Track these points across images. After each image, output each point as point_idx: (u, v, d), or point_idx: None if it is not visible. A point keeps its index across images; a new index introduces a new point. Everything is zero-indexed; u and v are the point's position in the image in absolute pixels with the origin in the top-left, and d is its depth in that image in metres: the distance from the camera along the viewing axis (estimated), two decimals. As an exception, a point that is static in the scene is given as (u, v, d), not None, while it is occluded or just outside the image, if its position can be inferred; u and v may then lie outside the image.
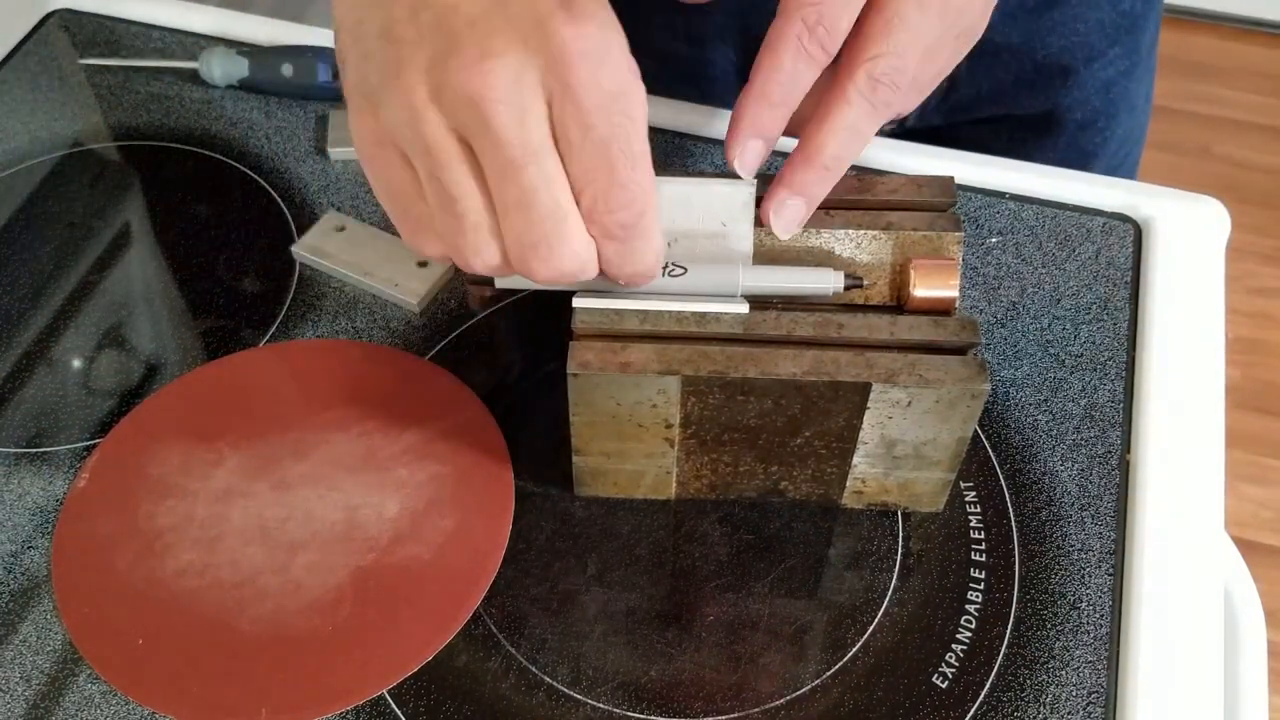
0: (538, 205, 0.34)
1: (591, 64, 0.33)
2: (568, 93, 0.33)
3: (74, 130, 0.60)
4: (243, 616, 0.42)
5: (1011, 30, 0.60)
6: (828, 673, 0.41)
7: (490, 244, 0.36)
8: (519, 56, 0.33)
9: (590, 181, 0.35)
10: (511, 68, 0.32)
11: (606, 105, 0.33)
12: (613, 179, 0.34)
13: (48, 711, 0.40)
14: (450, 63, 0.33)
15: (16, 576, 0.43)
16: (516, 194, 0.34)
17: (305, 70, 0.60)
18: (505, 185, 0.34)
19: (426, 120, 0.34)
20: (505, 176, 0.34)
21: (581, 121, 0.33)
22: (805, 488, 0.44)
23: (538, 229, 0.35)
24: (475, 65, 0.32)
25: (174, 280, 0.54)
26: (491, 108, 0.33)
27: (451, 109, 0.33)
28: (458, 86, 0.33)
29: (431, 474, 0.46)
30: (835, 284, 0.42)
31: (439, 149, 0.34)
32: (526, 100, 0.33)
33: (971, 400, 0.39)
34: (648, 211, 0.36)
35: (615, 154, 0.34)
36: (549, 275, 0.36)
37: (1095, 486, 0.46)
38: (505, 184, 0.34)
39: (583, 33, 0.33)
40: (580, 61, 0.33)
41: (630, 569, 0.44)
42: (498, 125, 0.33)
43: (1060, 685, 0.41)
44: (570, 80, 0.33)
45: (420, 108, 0.33)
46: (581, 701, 0.40)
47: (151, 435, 0.47)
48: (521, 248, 0.35)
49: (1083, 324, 0.51)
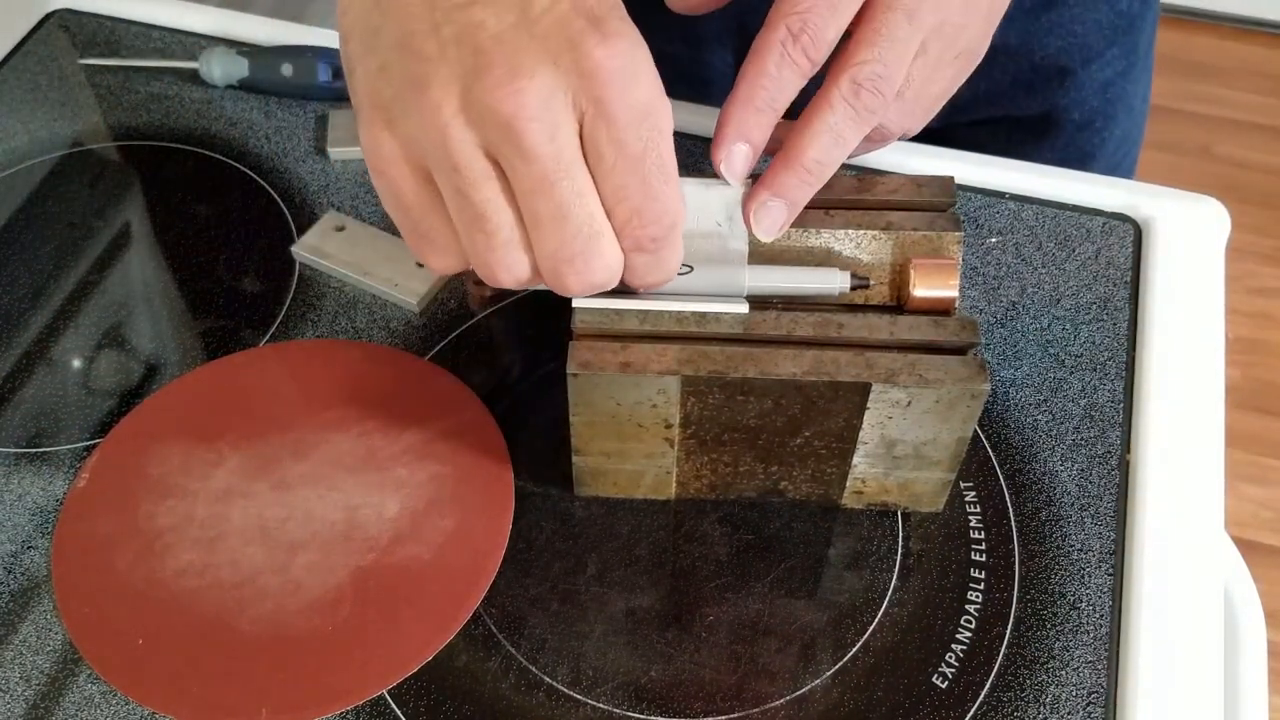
0: (572, 219, 0.35)
1: (624, 82, 0.33)
2: (601, 110, 0.33)
3: (74, 130, 0.60)
4: (243, 616, 0.42)
5: (1009, 31, 0.60)
6: (828, 673, 0.41)
7: (521, 259, 0.36)
8: (550, 75, 0.33)
9: (625, 197, 0.35)
10: (544, 86, 0.33)
11: (638, 121, 0.34)
12: (647, 194, 0.35)
13: (48, 711, 0.40)
14: (481, 81, 0.33)
15: (16, 576, 0.43)
16: (551, 209, 0.34)
17: (305, 70, 0.60)
18: (539, 200, 0.34)
19: (453, 138, 0.34)
20: (539, 192, 0.34)
21: (615, 138, 0.34)
22: (805, 488, 0.44)
23: (573, 243, 0.35)
24: (508, 84, 0.32)
25: (174, 280, 0.54)
26: (525, 125, 0.33)
27: (481, 126, 0.33)
28: (489, 105, 0.33)
29: (431, 474, 0.46)
30: (842, 284, 0.42)
31: (467, 167, 0.34)
32: (558, 117, 0.33)
33: (971, 400, 0.39)
34: (678, 224, 0.37)
35: (649, 169, 0.35)
36: (581, 288, 0.36)
37: (1095, 486, 0.46)
38: (539, 199, 0.34)
39: (615, 52, 0.33)
40: (614, 80, 0.33)
41: (630, 569, 0.44)
42: (531, 142, 0.33)
43: (1060, 685, 0.41)
44: (604, 98, 0.33)
45: (447, 125, 0.33)
46: (581, 701, 0.40)
47: (151, 435, 0.47)
48: (556, 262, 0.36)
49: (1083, 324, 0.51)
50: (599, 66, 0.33)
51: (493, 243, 0.36)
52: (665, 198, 0.36)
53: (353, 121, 0.59)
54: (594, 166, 0.35)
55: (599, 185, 0.35)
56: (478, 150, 0.34)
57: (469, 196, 0.35)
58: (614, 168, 0.34)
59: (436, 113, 0.33)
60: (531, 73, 0.33)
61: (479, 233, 0.36)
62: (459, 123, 0.33)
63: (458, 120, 0.33)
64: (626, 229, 0.36)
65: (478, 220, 0.35)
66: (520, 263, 0.36)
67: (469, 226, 0.36)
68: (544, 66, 0.33)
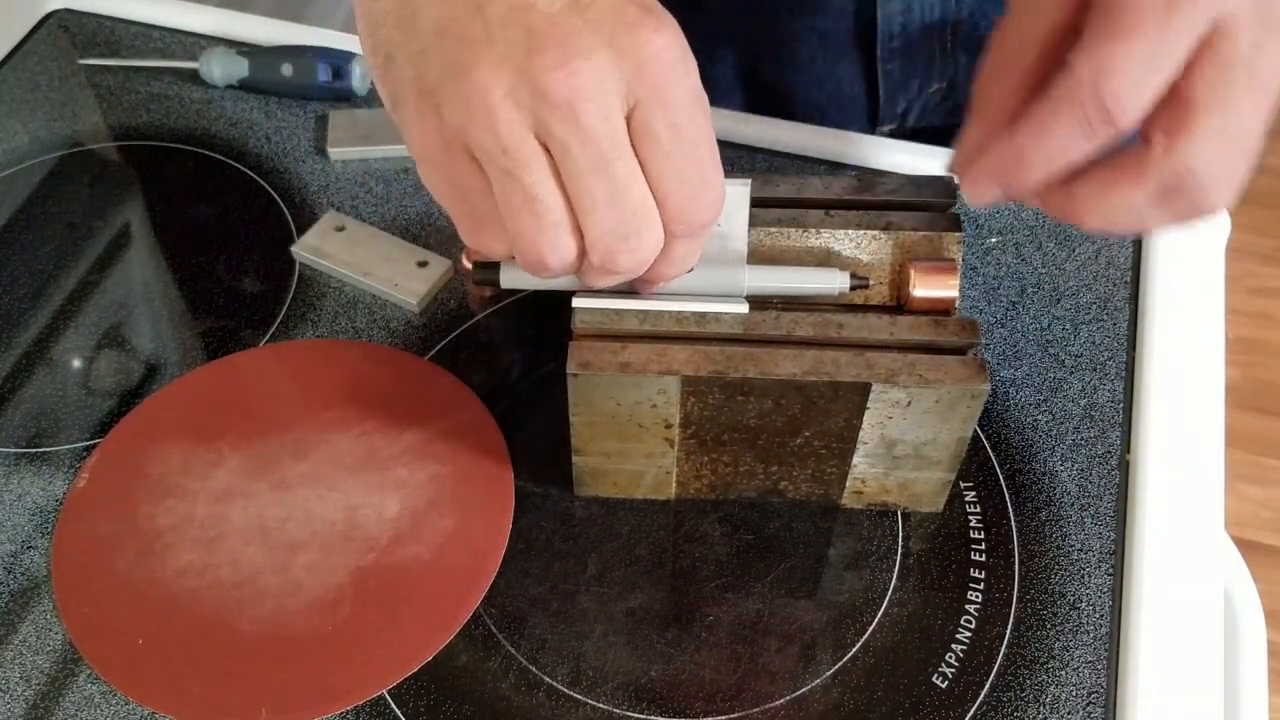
0: (630, 199, 0.35)
1: (680, 69, 0.34)
2: (658, 95, 0.34)
3: (74, 130, 0.60)
4: (243, 616, 0.42)
5: None
6: (828, 673, 0.41)
7: (569, 241, 0.36)
8: (605, 58, 0.33)
9: (684, 181, 0.35)
10: (599, 68, 0.33)
11: (692, 107, 0.34)
12: (704, 179, 0.35)
13: (48, 711, 0.40)
14: (534, 62, 0.33)
15: (16, 576, 0.43)
16: (607, 189, 0.34)
17: (305, 70, 0.60)
18: (595, 181, 0.34)
19: (503, 119, 0.33)
20: (595, 172, 0.34)
21: (672, 122, 0.34)
22: (805, 488, 0.44)
23: (629, 222, 0.35)
24: (564, 65, 0.32)
25: (174, 280, 0.54)
26: (582, 106, 0.33)
27: (533, 108, 0.33)
28: (546, 85, 0.33)
29: (431, 474, 0.46)
30: (841, 284, 0.42)
31: (517, 149, 0.34)
32: (611, 99, 0.33)
33: (971, 400, 0.39)
34: (720, 212, 0.37)
35: (704, 154, 0.35)
36: (632, 266, 0.37)
37: (1095, 486, 0.46)
38: (595, 180, 0.34)
39: (671, 39, 0.33)
40: (672, 67, 0.33)
41: (630, 569, 0.44)
42: (588, 122, 0.33)
43: (1060, 685, 0.41)
44: (661, 84, 0.33)
45: (496, 107, 0.33)
46: (581, 701, 0.40)
47: (151, 435, 0.47)
48: (610, 241, 0.36)
49: (1083, 324, 0.51)
50: (657, 53, 0.33)
51: (542, 224, 0.35)
52: (718, 184, 0.36)
53: (353, 121, 0.59)
54: (646, 151, 0.35)
55: (650, 170, 0.35)
56: (528, 132, 0.34)
57: (519, 178, 0.34)
58: (670, 152, 0.34)
59: (486, 94, 0.33)
60: (588, 54, 0.33)
61: (529, 215, 0.35)
62: (508, 104, 0.33)
63: (507, 102, 0.33)
64: (684, 213, 0.36)
65: (529, 203, 0.35)
66: (568, 245, 0.36)
67: (518, 209, 0.35)
68: (600, 49, 0.33)
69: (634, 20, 0.33)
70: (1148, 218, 0.35)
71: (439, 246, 0.54)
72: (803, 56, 0.63)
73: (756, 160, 0.58)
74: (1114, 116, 0.32)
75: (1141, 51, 0.32)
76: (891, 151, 0.58)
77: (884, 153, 0.58)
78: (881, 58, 0.61)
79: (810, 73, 0.63)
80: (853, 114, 0.65)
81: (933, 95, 0.64)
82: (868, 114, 0.64)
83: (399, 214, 0.55)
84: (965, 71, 0.62)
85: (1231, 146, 0.33)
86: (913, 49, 0.61)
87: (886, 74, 0.62)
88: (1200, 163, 0.33)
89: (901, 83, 0.62)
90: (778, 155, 0.58)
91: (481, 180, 0.36)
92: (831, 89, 0.64)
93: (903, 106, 0.64)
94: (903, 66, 0.62)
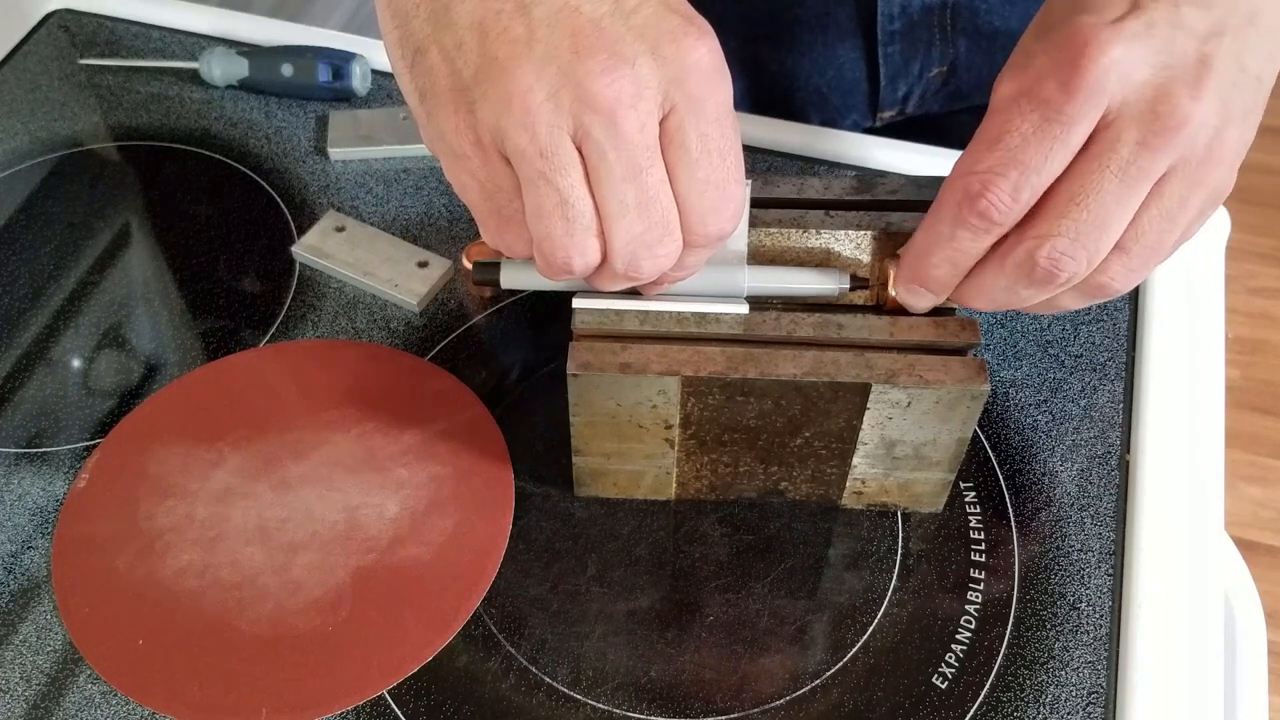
0: (659, 205, 0.35)
1: (717, 80, 0.34)
2: (693, 105, 0.34)
3: (74, 130, 0.60)
4: (243, 616, 0.42)
5: (1010, 14, 0.60)
6: (828, 673, 0.41)
7: (595, 245, 0.36)
8: (649, 66, 0.33)
9: (707, 191, 0.35)
10: (641, 76, 0.33)
11: (722, 119, 0.34)
12: (725, 191, 0.35)
13: (48, 711, 0.40)
14: (580, 66, 0.33)
15: (16, 576, 0.43)
16: (638, 196, 0.35)
17: (305, 70, 0.60)
18: (627, 188, 0.34)
19: (542, 122, 0.33)
20: (628, 179, 0.34)
21: (703, 133, 0.34)
22: (805, 488, 0.44)
23: (657, 228, 0.35)
24: (611, 71, 0.32)
25: (174, 280, 0.54)
26: (624, 113, 0.33)
27: (574, 111, 0.33)
28: (592, 90, 0.33)
29: (431, 474, 0.46)
30: (840, 284, 0.42)
31: (554, 152, 0.34)
32: (649, 107, 0.33)
33: (971, 401, 0.39)
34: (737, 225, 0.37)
35: (730, 166, 0.35)
36: (653, 271, 0.37)
37: (1095, 486, 0.46)
38: (627, 186, 0.34)
39: (712, 49, 0.34)
40: (712, 79, 0.34)
41: (630, 569, 0.44)
42: (627, 130, 0.33)
43: (1060, 685, 0.41)
44: (699, 95, 0.34)
45: (537, 109, 0.33)
46: (581, 702, 0.40)
47: (151, 435, 0.47)
48: (637, 247, 0.36)
49: (1083, 324, 0.51)
50: (699, 63, 0.33)
51: (573, 229, 0.35)
52: (738, 198, 0.36)
53: (353, 121, 0.59)
54: (673, 158, 0.35)
55: (675, 178, 0.35)
56: (565, 135, 0.34)
57: (554, 181, 0.34)
58: (698, 161, 0.35)
59: (527, 95, 0.33)
60: (632, 61, 0.33)
61: (560, 219, 0.35)
62: (549, 107, 0.33)
63: (548, 105, 0.33)
64: (701, 224, 0.36)
65: (561, 206, 0.35)
66: (593, 249, 0.36)
67: (550, 212, 0.35)
68: (644, 57, 0.33)
69: (677, 29, 0.33)
70: (1023, 297, 0.37)
71: (439, 247, 0.54)
72: (804, 41, 0.63)
73: (756, 160, 0.58)
74: (988, 213, 0.35)
75: (1011, 160, 0.34)
76: (892, 151, 0.58)
77: (884, 153, 0.58)
78: (882, 41, 0.61)
79: (811, 58, 0.63)
80: (854, 99, 0.64)
81: (933, 79, 0.63)
82: (869, 99, 0.64)
83: (399, 214, 0.55)
84: (966, 55, 0.62)
85: (1090, 234, 0.35)
86: (913, 32, 0.61)
87: (887, 57, 0.62)
88: (1049, 247, 0.35)
89: (902, 66, 0.62)
90: (778, 155, 0.58)
91: (511, 180, 0.36)
92: (833, 74, 0.64)
93: (903, 91, 0.64)
94: (903, 50, 0.62)
